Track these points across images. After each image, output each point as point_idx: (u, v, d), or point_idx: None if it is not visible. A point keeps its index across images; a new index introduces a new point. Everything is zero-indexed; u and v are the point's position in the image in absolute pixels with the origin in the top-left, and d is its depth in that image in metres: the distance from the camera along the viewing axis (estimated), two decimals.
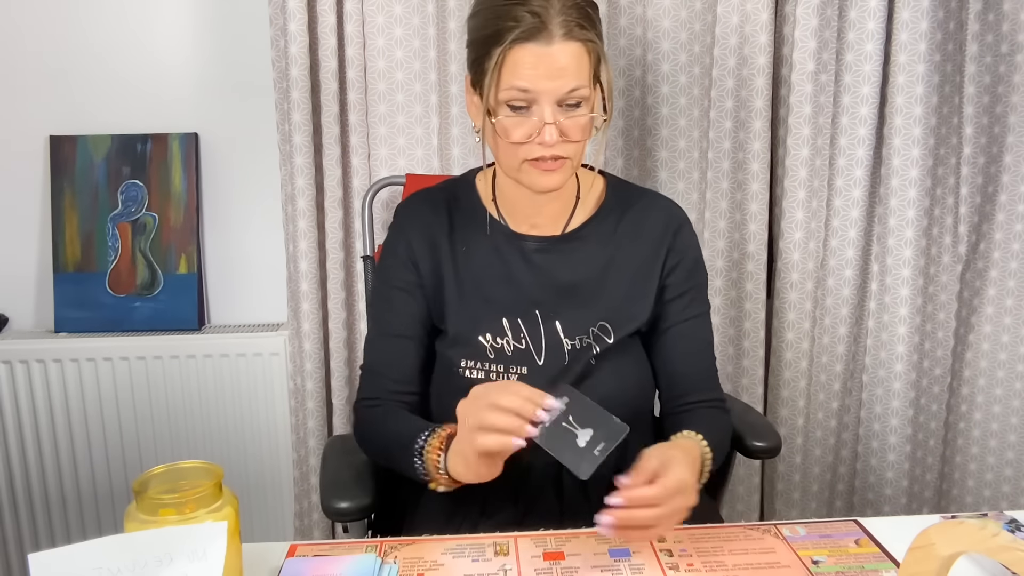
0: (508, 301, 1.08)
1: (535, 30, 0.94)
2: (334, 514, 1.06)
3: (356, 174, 1.65)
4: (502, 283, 1.09)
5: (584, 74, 0.97)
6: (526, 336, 1.06)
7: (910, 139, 1.63)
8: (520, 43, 0.95)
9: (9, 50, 1.72)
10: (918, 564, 0.66)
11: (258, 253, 1.84)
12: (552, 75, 0.95)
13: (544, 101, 0.96)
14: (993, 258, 1.69)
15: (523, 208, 1.10)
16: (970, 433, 1.77)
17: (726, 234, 1.69)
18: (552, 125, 0.96)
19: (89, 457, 1.80)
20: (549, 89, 0.95)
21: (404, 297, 1.11)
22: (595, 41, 0.98)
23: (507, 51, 0.95)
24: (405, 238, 1.12)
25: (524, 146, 0.98)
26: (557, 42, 0.95)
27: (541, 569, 0.85)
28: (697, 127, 1.69)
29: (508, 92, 0.96)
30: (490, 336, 1.06)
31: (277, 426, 1.81)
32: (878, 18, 1.58)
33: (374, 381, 1.12)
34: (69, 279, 1.77)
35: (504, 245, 1.10)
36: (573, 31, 0.95)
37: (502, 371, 1.06)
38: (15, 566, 1.84)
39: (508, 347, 1.06)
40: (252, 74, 1.74)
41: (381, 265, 1.16)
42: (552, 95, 0.96)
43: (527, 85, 0.95)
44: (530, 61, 0.95)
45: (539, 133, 0.96)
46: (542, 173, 0.99)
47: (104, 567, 0.67)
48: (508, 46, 0.95)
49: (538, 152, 0.97)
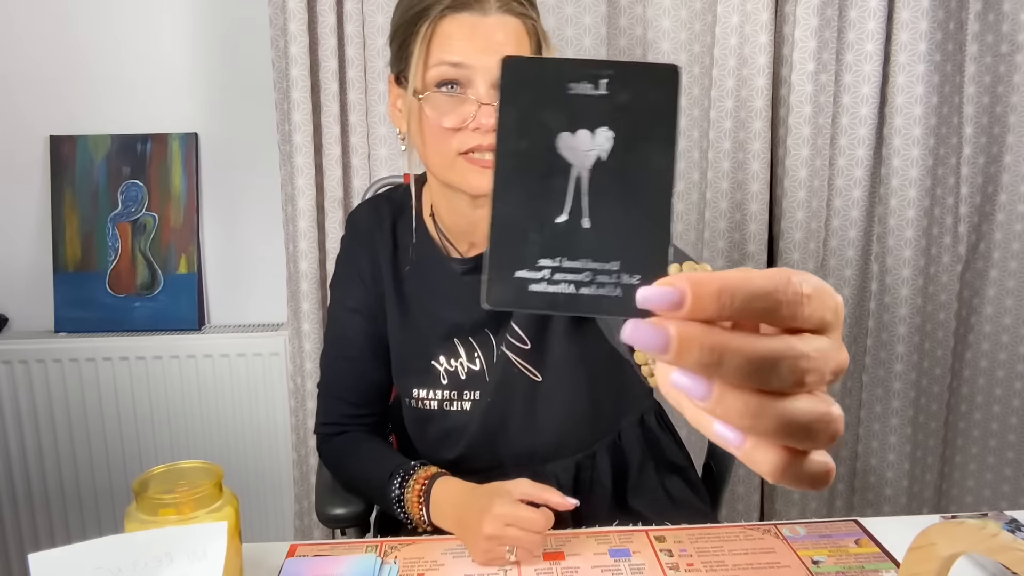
0: (457, 321, 1.02)
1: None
2: (329, 520, 1.07)
3: (356, 174, 1.65)
4: (449, 304, 1.02)
5: (523, 53, 0.87)
6: (480, 357, 1.02)
7: (910, 139, 1.63)
8: (451, 13, 0.86)
9: (9, 51, 1.72)
10: (918, 564, 0.66)
11: (258, 253, 1.84)
12: (488, 49, 0.85)
13: (479, 80, 0.86)
14: (993, 258, 1.69)
15: (459, 226, 1.01)
16: (970, 433, 1.77)
17: (726, 234, 1.69)
18: (489, 106, 0.85)
19: (89, 457, 1.79)
20: (485, 65, 0.85)
21: (356, 318, 1.07)
22: (535, 19, 0.90)
23: (437, 23, 0.86)
24: (353, 255, 1.08)
25: (457, 135, 0.87)
26: (493, 14, 0.86)
27: (541, 569, 0.85)
28: (697, 127, 1.69)
29: (438, 69, 0.86)
30: (443, 359, 1.03)
31: (277, 426, 1.81)
32: (878, 18, 1.58)
33: (332, 405, 1.10)
34: (69, 279, 1.77)
35: (437, 266, 1.03)
36: (511, 4, 0.87)
37: (455, 398, 1.03)
38: (15, 566, 1.84)
39: (463, 369, 1.02)
40: (252, 74, 1.74)
41: (333, 280, 1.12)
42: (488, 72, 0.86)
43: (460, 59, 0.85)
44: (463, 32, 0.86)
45: (474, 117, 0.86)
46: (478, 171, 0.88)
47: (104, 567, 0.67)
48: (438, 16, 0.86)
49: (474, 141, 0.87)
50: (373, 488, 1.01)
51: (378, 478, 0.99)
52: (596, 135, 0.36)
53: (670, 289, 0.29)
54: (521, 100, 0.36)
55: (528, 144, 0.36)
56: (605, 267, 0.35)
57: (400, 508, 0.97)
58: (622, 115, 0.36)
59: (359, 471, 1.06)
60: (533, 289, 0.35)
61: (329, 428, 1.10)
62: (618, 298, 0.35)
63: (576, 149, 0.36)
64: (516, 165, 0.36)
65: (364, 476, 1.05)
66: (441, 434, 1.06)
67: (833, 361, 0.30)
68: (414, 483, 0.95)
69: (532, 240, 0.35)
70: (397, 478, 0.97)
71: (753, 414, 0.29)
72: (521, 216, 0.36)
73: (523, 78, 0.36)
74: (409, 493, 0.95)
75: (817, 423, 0.29)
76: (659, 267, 0.35)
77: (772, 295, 0.29)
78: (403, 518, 0.97)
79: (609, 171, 0.35)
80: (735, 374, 0.29)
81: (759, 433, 0.30)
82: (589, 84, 0.36)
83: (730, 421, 0.30)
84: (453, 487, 0.94)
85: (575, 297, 0.35)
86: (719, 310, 0.29)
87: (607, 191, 0.35)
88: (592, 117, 0.36)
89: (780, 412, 0.29)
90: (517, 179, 0.36)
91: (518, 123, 0.36)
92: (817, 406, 0.30)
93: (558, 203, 0.35)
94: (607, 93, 0.36)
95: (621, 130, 0.36)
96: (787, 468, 0.30)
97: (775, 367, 0.29)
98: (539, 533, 0.84)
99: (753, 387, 0.29)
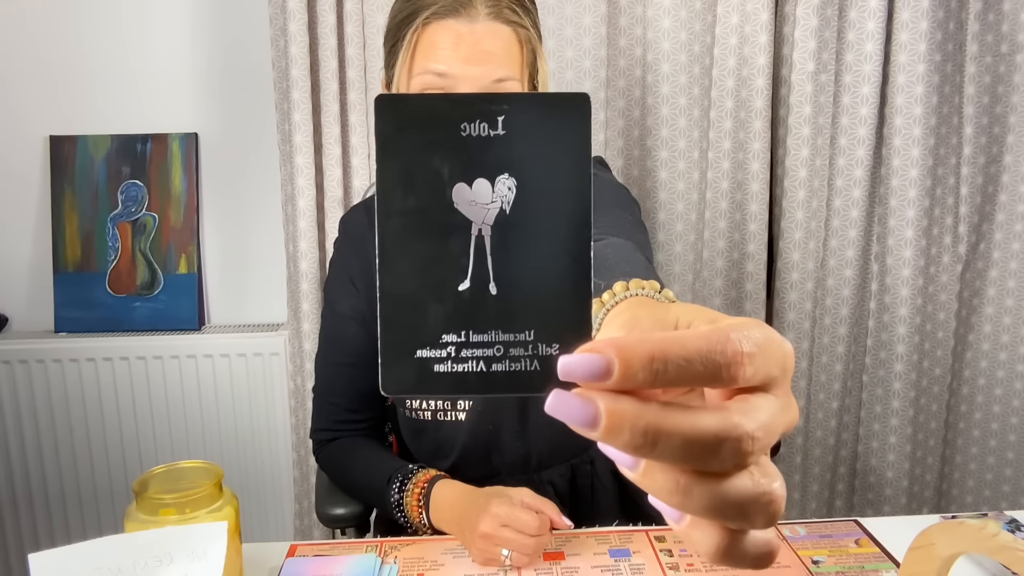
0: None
1: (456, 5, 0.82)
2: (329, 520, 1.07)
3: (356, 174, 1.65)
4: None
5: (514, 64, 0.84)
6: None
7: (910, 139, 1.63)
8: (438, 19, 0.82)
9: (9, 50, 1.72)
10: (918, 564, 0.66)
11: (258, 253, 1.84)
12: (474, 58, 0.81)
13: (465, 91, 0.81)
14: (993, 258, 1.69)
15: None
16: (970, 433, 1.77)
17: (726, 234, 1.69)
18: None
19: (89, 457, 1.80)
20: (470, 75, 0.81)
21: (348, 323, 1.06)
22: (528, 28, 0.86)
23: (422, 29, 0.83)
24: (345, 259, 1.07)
25: None
26: (482, 21, 0.83)
27: (541, 569, 0.85)
28: (697, 127, 1.68)
29: (422, 78, 0.82)
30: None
31: (277, 426, 1.81)
32: (878, 18, 1.58)
33: (327, 410, 1.10)
34: (69, 279, 1.77)
35: None
36: (502, 11, 0.84)
37: (449, 407, 1.03)
38: (15, 566, 1.84)
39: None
40: (252, 74, 1.74)
41: (327, 284, 1.11)
42: (474, 83, 0.82)
43: (444, 68, 0.81)
44: (448, 40, 0.82)
45: None
46: None
47: (104, 567, 0.67)
48: (423, 23, 0.82)
49: None
50: (372, 492, 1.01)
51: (377, 482, 0.99)
52: (497, 184, 0.30)
53: (595, 357, 0.26)
54: (405, 148, 0.30)
55: (417, 200, 0.30)
56: (518, 338, 0.30)
57: (400, 512, 0.96)
58: (525, 158, 0.30)
59: (357, 476, 1.06)
60: (438, 370, 0.30)
61: (324, 433, 1.09)
62: (535, 372, 0.30)
63: (475, 203, 0.30)
64: (405, 226, 0.30)
65: (362, 481, 1.05)
66: (435, 444, 1.05)
67: (780, 427, 0.27)
68: (413, 487, 0.95)
69: (432, 313, 0.30)
70: (396, 482, 0.97)
71: (683, 493, 0.26)
72: (416, 286, 0.30)
73: (405, 121, 0.30)
74: (408, 497, 0.95)
75: (753, 504, 0.26)
76: (581, 332, 0.30)
77: (709, 358, 0.26)
78: (403, 522, 0.97)
79: (515, 225, 0.30)
80: (669, 457, 0.26)
81: (689, 511, 0.27)
82: (484, 123, 0.30)
83: (659, 497, 0.27)
84: (453, 489, 0.94)
85: (486, 376, 0.30)
86: (651, 378, 0.26)
87: (515, 249, 0.30)
88: (490, 163, 0.30)
89: (713, 493, 0.26)
90: (407, 243, 0.30)
91: (403, 175, 0.30)
92: (756, 485, 0.27)
93: (458, 268, 0.30)
94: (506, 132, 0.30)
95: (525, 176, 0.30)
96: (728, 549, 0.27)
97: (716, 450, 0.26)
98: (533, 536, 0.84)
99: (687, 468, 0.26)
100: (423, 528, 0.95)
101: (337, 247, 1.10)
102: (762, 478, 0.27)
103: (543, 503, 0.87)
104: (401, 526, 1.00)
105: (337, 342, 1.08)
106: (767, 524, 0.27)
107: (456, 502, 0.91)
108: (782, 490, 0.27)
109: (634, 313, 0.34)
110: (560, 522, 0.87)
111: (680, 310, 0.32)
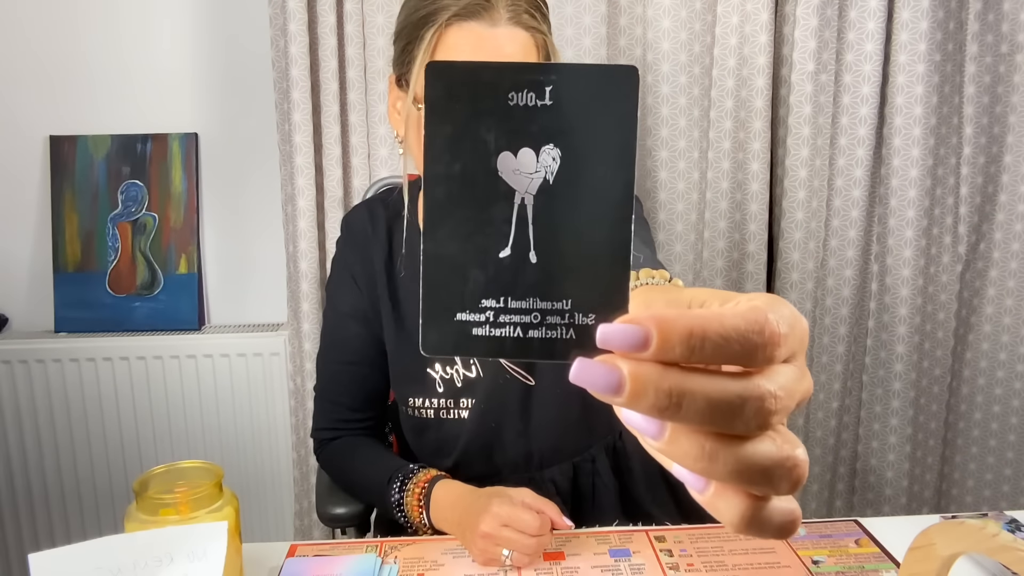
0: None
1: (478, 7, 0.82)
2: (329, 520, 1.07)
3: (356, 174, 1.65)
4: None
5: None
6: (476, 363, 1.01)
7: (910, 139, 1.63)
8: (459, 21, 0.82)
9: (9, 50, 1.72)
10: (918, 564, 0.66)
11: (258, 253, 1.84)
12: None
13: None
14: (993, 258, 1.69)
15: None
16: (970, 433, 1.77)
17: (726, 234, 1.69)
18: None
19: (89, 457, 1.80)
20: None
21: (350, 323, 1.06)
22: (545, 34, 0.88)
23: (443, 30, 0.83)
24: (347, 259, 1.07)
25: None
26: (502, 25, 0.83)
27: (541, 569, 0.85)
28: (697, 127, 1.69)
29: None
30: (439, 367, 1.01)
31: (277, 426, 1.81)
32: (878, 18, 1.58)
33: (328, 409, 1.09)
34: (69, 279, 1.77)
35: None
36: (521, 17, 0.84)
37: (452, 406, 1.03)
38: (15, 566, 1.84)
39: (458, 376, 1.02)
40: (252, 74, 1.74)
41: (329, 283, 1.11)
42: None
43: None
44: (469, 43, 0.82)
45: None
46: None
47: (104, 567, 0.67)
48: (445, 24, 0.83)
49: None
50: (373, 492, 1.01)
51: (377, 482, 0.99)
52: (541, 154, 0.30)
53: (634, 328, 0.26)
54: (453, 115, 0.30)
55: (463, 167, 0.31)
56: (555, 306, 0.31)
57: (400, 512, 0.97)
58: (571, 129, 0.30)
59: (358, 475, 1.06)
60: (476, 333, 0.31)
61: (325, 433, 1.09)
62: (571, 340, 0.30)
63: (519, 172, 0.30)
64: (450, 192, 0.31)
65: (363, 480, 1.05)
66: (438, 443, 1.05)
67: (799, 393, 0.28)
68: (413, 487, 0.95)
69: (472, 278, 0.31)
70: (396, 482, 0.97)
71: (709, 458, 0.27)
72: (459, 251, 0.31)
73: (454, 88, 0.30)
74: (409, 497, 0.95)
75: (778, 468, 0.27)
76: (617, 304, 0.30)
77: (747, 337, 0.26)
78: (403, 522, 0.97)
79: (558, 196, 0.30)
80: (694, 418, 0.26)
81: (714, 477, 0.27)
82: (532, 93, 0.30)
83: (684, 464, 0.28)
84: (453, 488, 0.94)
85: (522, 341, 0.31)
86: (687, 353, 0.26)
87: (556, 219, 0.31)
88: (536, 133, 0.30)
89: (738, 456, 0.27)
90: (452, 209, 0.31)
91: (450, 142, 0.30)
92: (779, 449, 0.27)
93: (500, 235, 0.31)
94: (552, 103, 0.30)
95: (570, 147, 0.30)
96: (752, 518, 0.28)
97: (739, 410, 0.26)
98: (533, 536, 0.84)
99: (712, 431, 0.27)
100: (423, 528, 0.95)
101: (339, 246, 1.10)
102: (784, 443, 0.27)
103: (544, 503, 0.87)
104: (401, 526, 1.00)
105: (339, 341, 1.08)
106: (791, 489, 0.27)
107: (456, 502, 0.91)
108: (805, 455, 0.28)
109: (647, 295, 0.34)
110: (561, 522, 0.87)
111: (693, 291, 0.33)
